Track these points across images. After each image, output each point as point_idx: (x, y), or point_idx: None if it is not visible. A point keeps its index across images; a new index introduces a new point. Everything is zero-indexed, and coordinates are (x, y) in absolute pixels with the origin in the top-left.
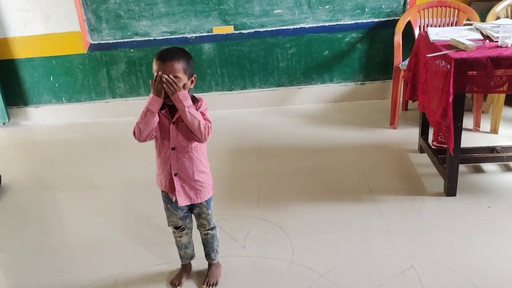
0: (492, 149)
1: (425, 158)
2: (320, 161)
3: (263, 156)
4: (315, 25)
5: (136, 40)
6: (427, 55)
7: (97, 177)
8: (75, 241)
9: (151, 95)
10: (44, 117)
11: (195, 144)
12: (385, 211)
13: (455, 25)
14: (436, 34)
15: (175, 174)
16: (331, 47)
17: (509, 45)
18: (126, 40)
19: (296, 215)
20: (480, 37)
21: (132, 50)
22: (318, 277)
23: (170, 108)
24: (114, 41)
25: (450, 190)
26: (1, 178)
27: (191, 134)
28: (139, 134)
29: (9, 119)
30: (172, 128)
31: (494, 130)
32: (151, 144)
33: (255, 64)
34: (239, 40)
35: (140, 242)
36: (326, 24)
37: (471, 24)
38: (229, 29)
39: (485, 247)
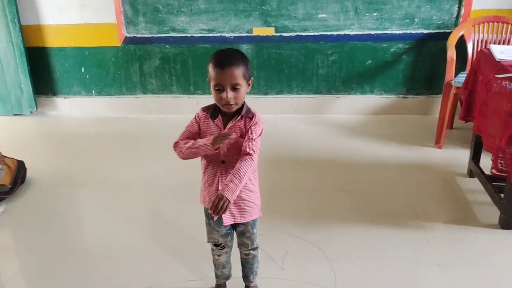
0: None
1: (475, 183)
2: (361, 179)
3: (299, 168)
4: (360, 32)
5: (172, 36)
6: (496, 76)
7: (124, 177)
8: (100, 247)
9: (209, 142)
10: (72, 109)
11: None
12: (434, 240)
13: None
14: (501, 52)
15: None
16: (375, 57)
17: None
18: (162, 35)
19: (337, 236)
20: None
21: (167, 46)
22: None
23: (223, 117)
24: (150, 35)
25: (506, 222)
26: (27, 172)
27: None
28: (182, 157)
29: (36, 108)
30: None
31: None
32: None
33: (294, 69)
34: (279, 43)
35: (171, 254)
36: (372, 32)
37: None
38: (269, 31)
39: None
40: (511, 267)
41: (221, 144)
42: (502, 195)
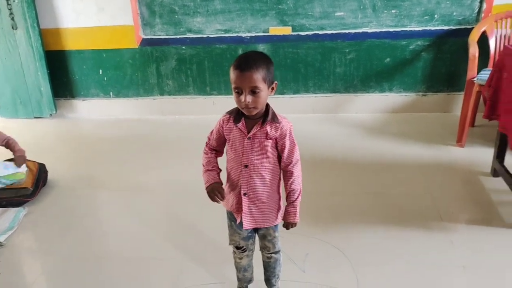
0: None
1: (500, 183)
2: (382, 180)
3: (318, 169)
4: (378, 30)
5: (188, 37)
6: None
7: (144, 179)
8: (120, 250)
9: (206, 186)
10: (90, 111)
11: (269, 163)
12: (458, 242)
13: None
14: None
15: (244, 194)
16: (394, 54)
17: None
18: (178, 36)
19: (359, 239)
20: None
21: (183, 47)
22: None
23: (246, 121)
24: (166, 36)
25: None
26: (48, 174)
27: (267, 153)
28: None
29: (56, 111)
30: (246, 144)
31: None
32: (200, 147)
33: (311, 68)
34: (295, 42)
35: (191, 257)
36: (391, 29)
37: None
38: (286, 30)
39: None
40: None
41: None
42: None
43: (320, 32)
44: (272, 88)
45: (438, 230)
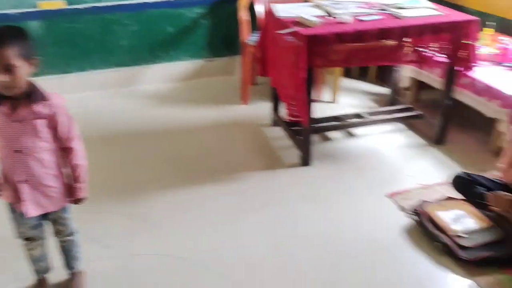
0: (337, 118)
1: (279, 131)
2: (177, 144)
3: (114, 144)
4: (156, 0)
5: None
6: (277, 32)
7: None
8: None
9: None
10: None
11: (44, 143)
12: (247, 188)
13: None
14: (282, 10)
15: (23, 181)
16: (175, 23)
17: (349, 21)
18: None
19: (159, 203)
20: (322, 13)
21: None
22: (191, 265)
23: (10, 103)
24: None
25: (305, 160)
26: None
27: (40, 134)
28: None
29: None
30: (15, 127)
31: (334, 100)
32: None
33: (92, 43)
34: (72, 16)
35: None
36: None
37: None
38: (59, 4)
39: (342, 210)
40: (314, 198)
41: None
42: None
43: (99, 5)
44: (32, 63)
45: (230, 181)
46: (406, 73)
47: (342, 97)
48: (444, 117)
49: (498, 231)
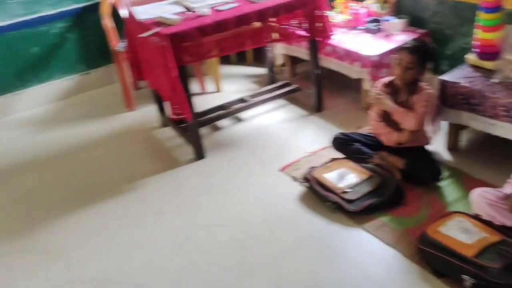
0: (222, 107)
1: (170, 131)
2: (69, 166)
3: (8, 180)
4: (12, 21)
5: None
6: (139, 36)
7: None
8: None
9: None
10: None
11: None
12: (148, 194)
13: None
14: (142, 12)
15: None
16: (39, 43)
17: (207, 13)
18: None
19: (60, 230)
20: (182, 9)
21: None
22: (103, 285)
23: None
24: None
25: (199, 154)
26: None
27: None
28: None
29: None
30: None
31: (218, 89)
32: None
33: None
34: None
35: None
36: (25, 18)
37: None
38: None
39: (241, 194)
40: (207, 185)
41: None
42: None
43: None
44: None
45: (130, 191)
46: (278, 50)
47: (225, 84)
48: (317, 86)
49: (376, 179)
